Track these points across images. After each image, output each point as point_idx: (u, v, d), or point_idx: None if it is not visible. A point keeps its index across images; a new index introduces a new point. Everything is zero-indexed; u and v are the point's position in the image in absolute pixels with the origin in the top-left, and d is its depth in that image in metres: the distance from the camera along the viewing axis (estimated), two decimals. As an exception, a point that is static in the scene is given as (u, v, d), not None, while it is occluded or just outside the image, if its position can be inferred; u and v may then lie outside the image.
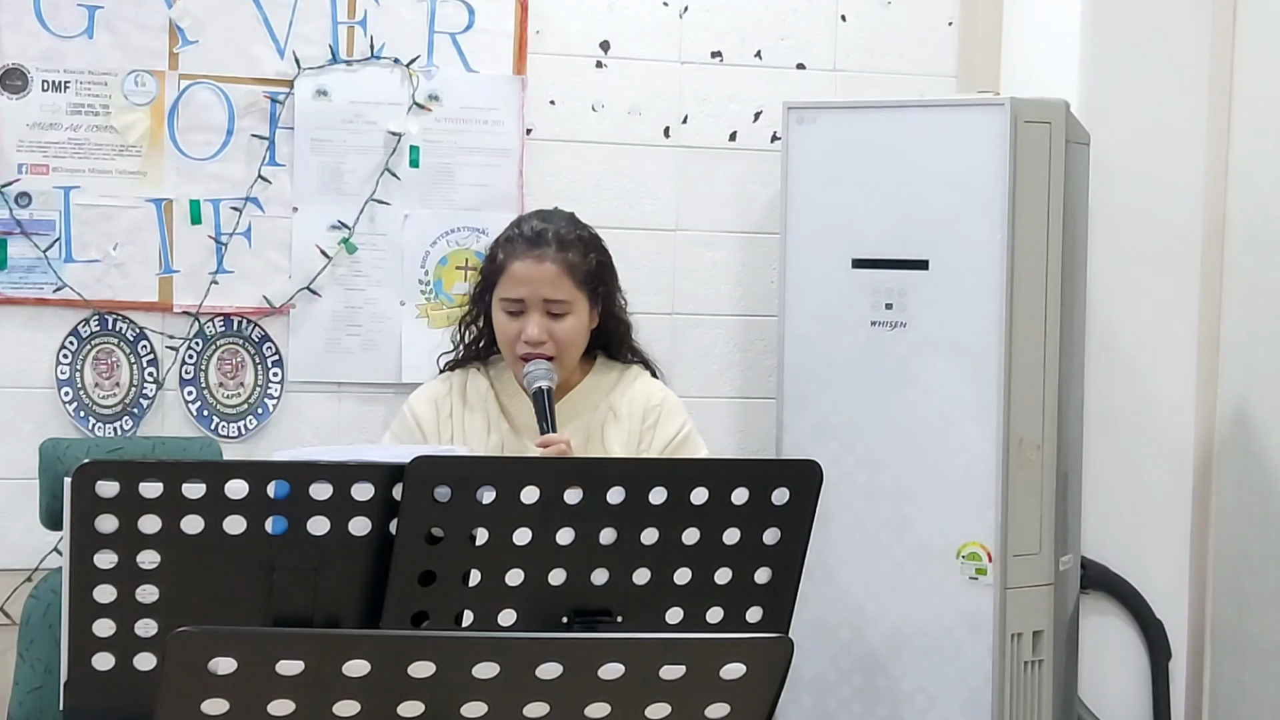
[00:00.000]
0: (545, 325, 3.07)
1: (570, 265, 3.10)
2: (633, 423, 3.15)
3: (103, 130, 3.79)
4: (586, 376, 3.20)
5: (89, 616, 2.19)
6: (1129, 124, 3.98)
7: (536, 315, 3.08)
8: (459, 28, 3.96)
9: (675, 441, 3.16)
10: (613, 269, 3.21)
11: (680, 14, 4.10)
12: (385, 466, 2.25)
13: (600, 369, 3.22)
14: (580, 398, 3.17)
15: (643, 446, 3.15)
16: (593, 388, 3.19)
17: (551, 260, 3.09)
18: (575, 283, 3.10)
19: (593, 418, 3.15)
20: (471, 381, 3.20)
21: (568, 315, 3.09)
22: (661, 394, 3.20)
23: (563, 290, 3.09)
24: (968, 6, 4.22)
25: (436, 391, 3.22)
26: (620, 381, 3.21)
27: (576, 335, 3.12)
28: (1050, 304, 3.62)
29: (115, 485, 2.16)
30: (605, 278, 3.18)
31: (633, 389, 3.19)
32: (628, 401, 3.17)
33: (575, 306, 3.10)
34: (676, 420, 3.18)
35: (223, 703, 1.74)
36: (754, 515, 2.37)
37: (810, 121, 3.79)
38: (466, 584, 2.28)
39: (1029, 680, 3.62)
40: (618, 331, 3.23)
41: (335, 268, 3.91)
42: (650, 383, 3.23)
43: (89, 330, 3.81)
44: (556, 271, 3.09)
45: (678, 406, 3.21)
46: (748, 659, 1.82)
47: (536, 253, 3.10)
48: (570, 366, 3.14)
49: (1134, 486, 4.04)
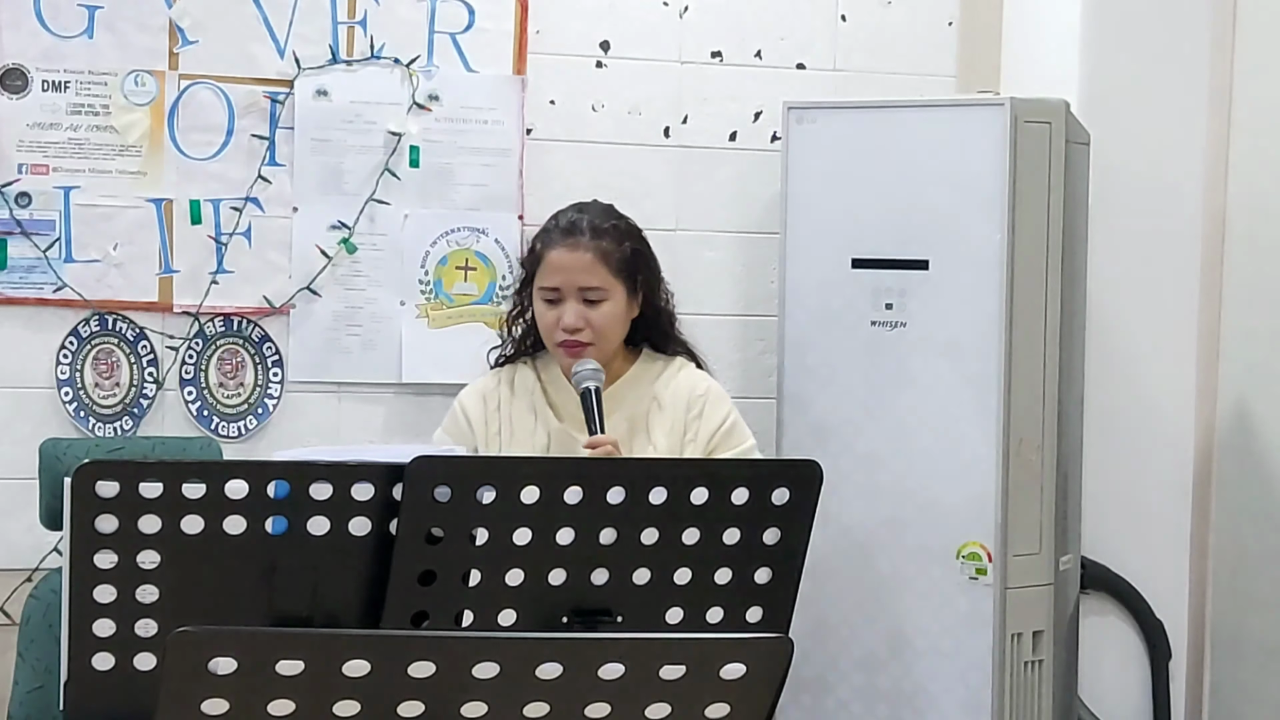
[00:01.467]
0: (582, 312, 3.15)
1: (604, 252, 3.18)
2: (677, 412, 3.20)
3: (103, 130, 3.79)
4: (631, 367, 3.25)
5: (89, 616, 2.19)
6: (1129, 124, 3.98)
7: (572, 303, 3.15)
8: (459, 28, 3.96)
9: (721, 430, 3.20)
10: (651, 258, 3.29)
11: (680, 14, 4.10)
12: (385, 466, 2.25)
13: (645, 360, 3.27)
14: (625, 388, 3.22)
15: (688, 436, 3.19)
16: (637, 378, 3.24)
17: (585, 248, 3.18)
18: (610, 270, 3.17)
19: (637, 408, 3.20)
20: (519, 375, 3.27)
21: (604, 302, 3.16)
22: (705, 384, 3.26)
23: (597, 277, 3.16)
24: (968, 6, 4.22)
25: (485, 386, 3.29)
26: (665, 372, 3.26)
27: (613, 322, 3.18)
28: (1050, 304, 3.62)
29: (115, 485, 2.16)
30: (643, 266, 3.24)
31: (677, 379, 3.25)
32: (672, 391, 3.22)
33: (611, 293, 3.17)
34: (722, 409, 3.23)
35: (223, 703, 1.74)
36: (754, 515, 2.37)
37: (810, 121, 3.79)
38: (466, 584, 2.28)
39: (1029, 680, 3.62)
40: (661, 322, 3.29)
41: (335, 268, 3.91)
42: (695, 373, 3.28)
43: (89, 330, 3.80)
44: (590, 259, 3.17)
45: (722, 396, 3.27)
46: (748, 659, 1.82)
47: (570, 241, 3.19)
48: (609, 353, 3.19)
49: (1134, 486, 4.04)
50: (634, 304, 3.23)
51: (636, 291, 3.22)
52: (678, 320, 3.34)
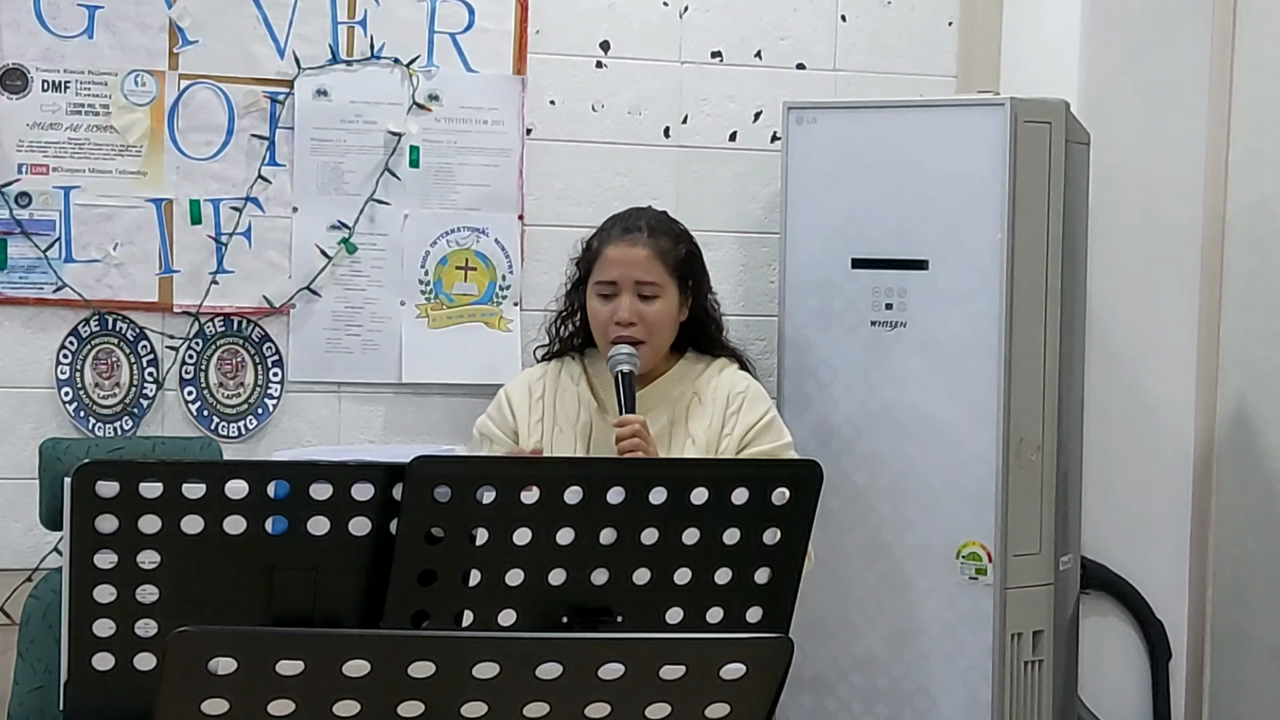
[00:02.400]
0: (636, 307, 3.21)
1: (662, 250, 3.26)
2: (716, 408, 3.24)
3: (103, 130, 3.79)
4: (675, 365, 3.31)
5: (89, 616, 2.19)
6: (1129, 124, 3.98)
7: (628, 297, 3.22)
8: (459, 28, 3.96)
9: (758, 426, 3.24)
10: (703, 264, 3.37)
11: (680, 14, 4.09)
12: (385, 466, 2.25)
13: (689, 359, 3.33)
14: (668, 384, 3.27)
15: (725, 431, 3.23)
16: (681, 375, 3.29)
17: (644, 245, 3.26)
18: (666, 268, 3.25)
19: (678, 404, 3.25)
20: (567, 367, 3.34)
21: (658, 299, 3.23)
22: (746, 382, 3.31)
23: (654, 273, 3.23)
24: (968, 6, 4.22)
25: (531, 376, 3.36)
26: (708, 370, 3.31)
27: (665, 320, 3.24)
28: (1050, 304, 3.62)
29: (115, 485, 2.16)
30: (695, 270, 3.32)
31: (719, 377, 3.30)
32: (713, 388, 3.27)
33: (665, 291, 3.24)
34: (760, 407, 3.27)
35: (223, 703, 1.74)
36: (754, 515, 2.37)
37: (810, 121, 3.79)
38: (466, 584, 2.28)
39: (1029, 680, 3.62)
40: (708, 327, 3.36)
41: (335, 268, 3.90)
42: (737, 373, 3.33)
43: (89, 330, 3.80)
44: (648, 255, 3.24)
45: (762, 395, 3.31)
46: (748, 659, 1.82)
47: (630, 237, 3.27)
48: (659, 351, 3.25)
49: (1134, 486, 4.04)
50: (684, 307, 3.29)
51: (688, 294, 3.29)
52: (726, 328, 3.41)
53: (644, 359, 3.21)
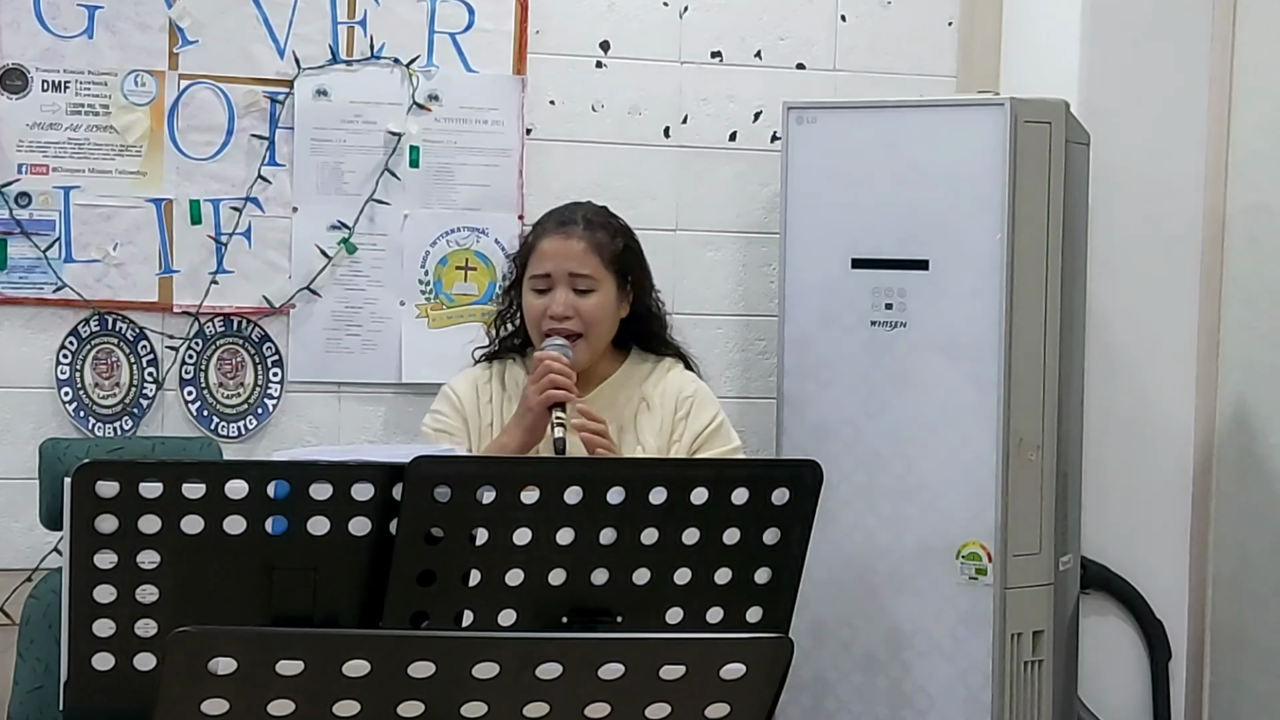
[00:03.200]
0: (571, 301, 3.14)
1: (597, 243, 3.19)
2: (665, 413, 3.20)
3: (103, 130, 3.79)
4: (620, 367, 3.24)
5: (89, 616, 2.18)
6: (1129, 124, 3.98)
7: (562, 290, 3.15)
8: (459, 28, 3.96)
9: (707, 432, 3.20)
10: (643, 259, 3.29)
11: (680, 14, 4.09)
12: (385, 466, 2.25)
13: (633, 361, 3.27)
14: (614, 389, 3.21)
15: (675, 437, 3.19)
16: (625, 379, 3.23)
17: (579, 238, 3.19)
18: (601, 260, 3.18)
19: (625, 409, 3.19)
20: (509, 372, 3.26)
21: (593, 292, 3.16)
22: (694, 385, 3.25)
23: (588, 266, 3.16)
24: (968, 6, 4.22)
25: (477, 377, 3.28)
26: (654, 372, 3.25)
27: (602, 314, 3.17)
28: (1050, 304, 3.62)
29: (115, 485, 2.16)
30: (634, 264, 3.25)
31: (666, 380, 3.24)
32: (660, 392, 3.22)
33: (601, 285, 3.17)
34: (709, 411, 3.22)
35: (223, 703, 1.74)
36: (754, 515, 2.37)
37: (810, 121, 3.79)
38: (466, 584, 2.28)
39: (1029, 680, 3.62)
40: (651, 325, 3.29)
41: (335, 268, 3.90)
42: (684, 374, 3.27)
43: (89, 330, 3.80)
44: (583, 248, 3.17)
45: (710, 398, 3.26)
46: (748, 659, 1.82)
47: (564, 230, 3.20)
48: (596, 347, 3.18)
49: (1134, 486, 4.04)
50: (624, 302, 3.22)
51: (627, 289, 3.22)
52: (670, 326, 3.33)
53: (580, 354, 3.13)
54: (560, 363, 3.06)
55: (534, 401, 3.05)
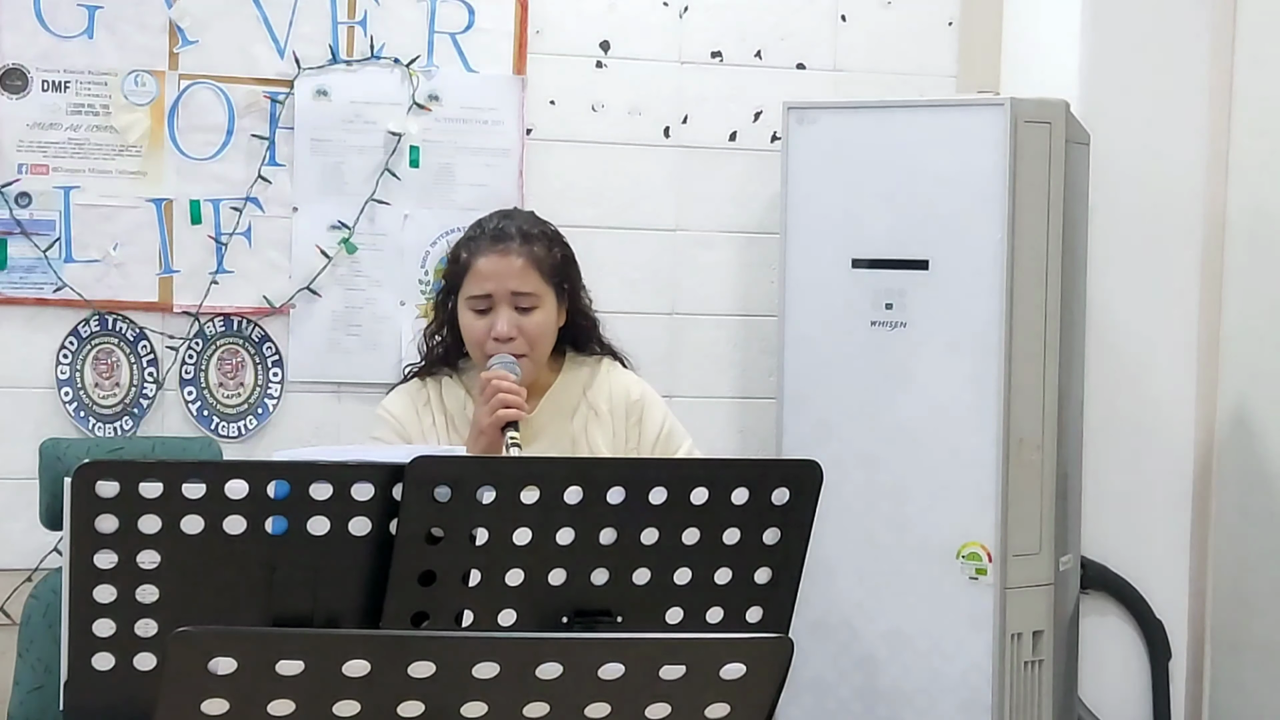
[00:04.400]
0: (514, 320, 3.04)
1: (537, 258, 3.07)
2: (616, 421, 3.14)
3: (103, 130, 3.79)
4: (559, 375, 3.16)
5: (89, 616, 2.18)
6: (1129, 124, 3.98)
7: (505, 310, 3.04)
8: (459, 28, 3.96)
9: (661, 436, 3.15)
10: (576, 264, 3.18)
11: (680, 14, 4.10)
12: (385, 466, 2.25)
13: (571, 365, 3.18)
14: (557, 397, 3.14)
15: (630, 445, 3.13)
16: (567, 385, 3.16)
17: (517, 254, 3.06)
18: (542, 275, 3.07)
19: (574, 420, 3.13)
20: (448, 391, 3.14)
21: (536, 309, 3.06)
22: (640, 387, 3.19)
23: (530, 283, 3.05)
24: (968, 6, 4.22)
25: (414, 397, 3.15)
26: (595, 376, 3.18)
27: (546, 330, 3.08)
28: (1050, 304, 3.62)
29: (115, 485, 2.16)
30: (570, 272, 3.15)
31: (610, 384, 3.17)
32: (606, 397, 3.15)
33: (544, 300, 3.07)
34: (658, 413, 3.17)
35: (223, 703, 1.74)
36: (754, 515, 2.37)
37: (810, 121, 3.79)
38: (466, 584, 2.28)
39: (1029, 680, 3.62)
40: (585, 327, 3.20)
41: (335, 268, 3.91)
42: (625, 375, 3.21)
43: (89, 330, 3.81)
44: (523, 264, 3.06)
45: (655, 398, 3.20)
46: (748, 659, 1.82)
47: (501, 247, 3.07)
48: (540, 363, 3.10)
49: (1134, 486, 4.04)
50: (562, 311, 3.13)
51: (564, 298, 3.13)
52: (600, 323, 3.23)
53: (527, 371, 3.03)
54: (508, 380, 2.96)
55: (486, 424, 2.94)
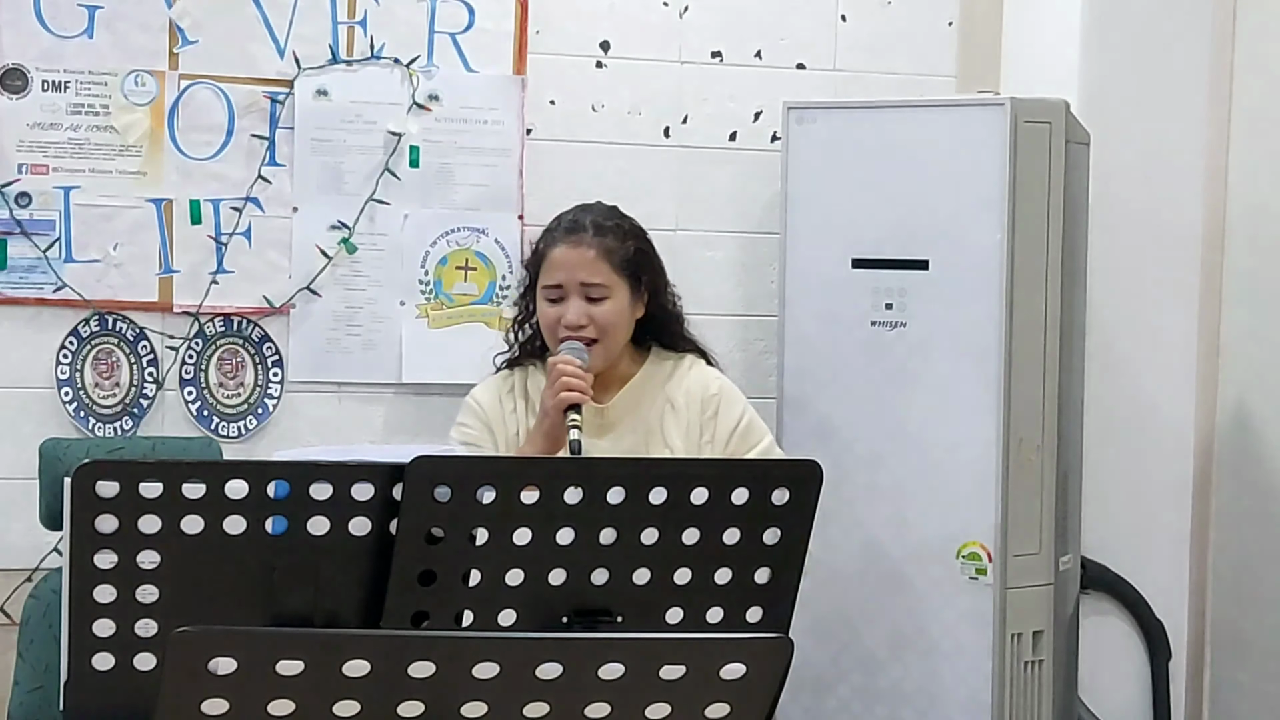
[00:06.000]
0: (584, 309, 3.13)
1: (607, 250, 3.16)
2: (691, 414, 3.18)
3: (103, 130, 3.79)
4: (641, 369, 3.23)
5: (89, 616, 2.18)
6: (1129, 124, 3.98)
7: (575, 299, 3.13)
8: (459, 28, 3.96)
9: (737, 432, 3.18)
10: (656, 259, 3.27)
11: (680, 14, 4.10)
12: (385, 466, 2.25)
13: (655, 359, 3.25)
14: (636, 390, 3.20)
15: (705, 439, 3.17)
16: (648, 379, 3.22)
17: (588, 245, 3.16)
18: (612, 267, 3.16)
19: (650, 412, 3.18)
20: (532, 380, 3.24)
21: (606, 299, 3.14)
22: (718, 382, 3.23)
23: (600, 274, 3.14)
24: (968, 6, 4.23)
25: (499, 387, 3.26)
26: (676, 371, 3.24)
27: (616, 320, 3.15)
28: (1050, 304, 3.62)
29: (115, 485, 2.16)
30: (646, 265, 3.23)
31: (688, 378, 3.22)
32: (684, 391, 3.20)
33: (614, 291, 3.15)
34: (736, 409, 3.21)
35: (223, 703, 1.74)
36: (754, 515, 2.37)
37: (810, 121, 3.79)
38: (466, 584, 2.28)
39: (1029, 680, 3.62)
40: (668, 322, 3.27)
41: (335, 268, 3.91)
42: (706, 371, 3.26)
43: (89, 330, 3.81)
44: (593, 256, 3.15)
45: (735, 394, 3.25)
46: (748, 659, 1.82)
47: (573, 239, 3.18)
48: (613, 352, 3.17)
49: (1134, 486, 4.04)
50: (638, 304, 3.20)
51: (640, 291, 3.20)
52: (687, 321, 3.32)
53: (596, 358, 3.12)
54: (574, 366, 3.05)
55: (549, 405, 3.05)
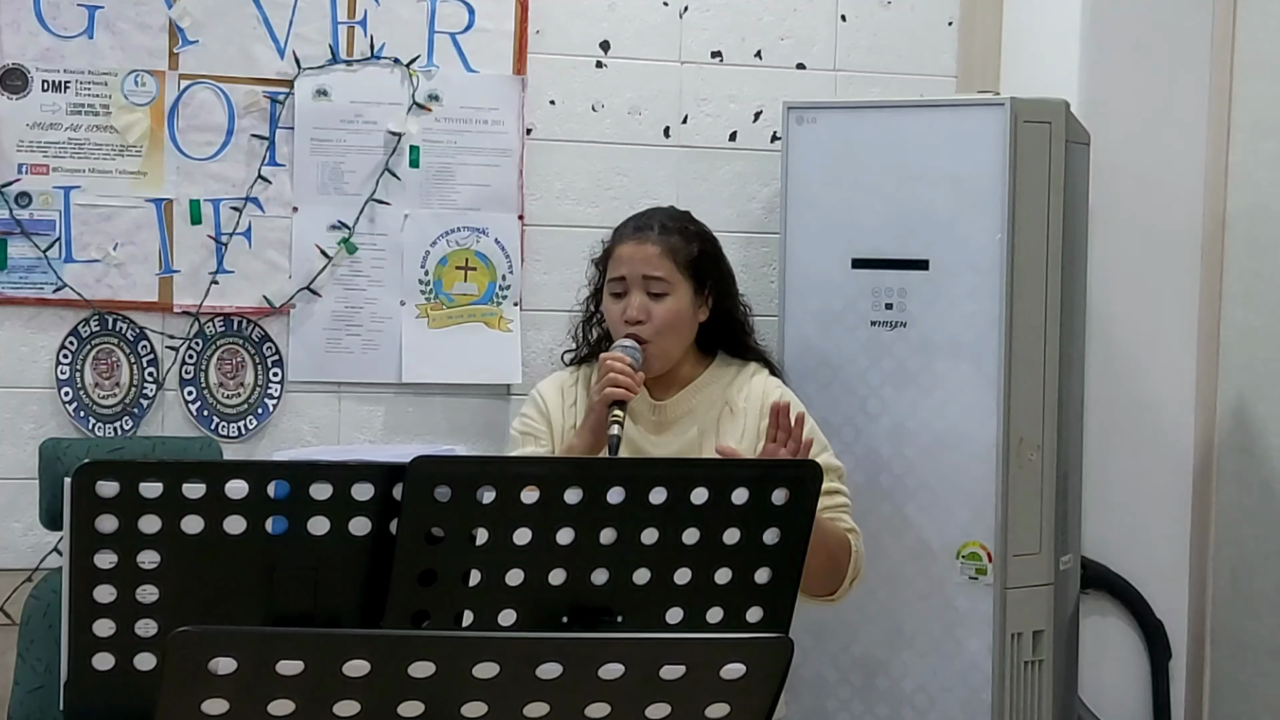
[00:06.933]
0: (645, 303, 3.16)
1: (671, 248, 3.20)
2: (750, 419, 3.19)
3: (103, 130, 3.79)
4: (705, 371, 3.25)
5: (89, 616, 2.18)
6: (1129, 124, 3.98)
7: (637, 293, 3.17)
8: (459, 28, 3.96)
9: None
10: (723, 264, 3.30)
11: (680, 14, 4.10)
12: (385, 466, 2.25)
13: (719, 364, 3.27)
14: (696, 394, 3.22)
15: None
16: (710, 381, 3.24)
17: (654, 242, 3.21)
18: (675, 264, 3.19)
19: (708, 414, 3.20)
20: (595, 374, 3.24)
21: (667, 295, 3.17)
22: (779, 390, 3.23)
23: (662, 269, 3.18)
24: (968, 6, 4.23)
25: (563, 380, 3.30)
26: (738, 377, 3.25)
27: (675, 318, 3.18)
28: (1050, 304, 3.62)
29: (115, 485, 2.16)
30: (711, 269, 3.26)
31: (750, 384, 3.23)
32: (745, 396, 3.21)
33: (675, 289, 3.18)
34: None
35: (223, 703, 1.74)
36: (754, 515, 2.36)
37: (810, 121, 3.79)
38: (466, 584, 2.28)
39: (1029, 680, 3.62)
40: (734, 329, 3.30)
41: (335, 268, 3.91)
42: (769, 379, 3.27)
43: (89, 330, 3.81)
44: (657, 252, 3.19)
45: (798, 404, 3.22)
46: (748, 659, 1.82)
47: (640, 235, 3.23)
48: (668, 352, 3.18)
49: (1134, 486, 4.04)
50: (701, 307, 3.23)
51: (704, 294, 3.23)
52: (754, 330, 3.35)
53: (652, 360, 3.15)
54: (623, 362, 3.08)
55: (595, 400, 3.09)
